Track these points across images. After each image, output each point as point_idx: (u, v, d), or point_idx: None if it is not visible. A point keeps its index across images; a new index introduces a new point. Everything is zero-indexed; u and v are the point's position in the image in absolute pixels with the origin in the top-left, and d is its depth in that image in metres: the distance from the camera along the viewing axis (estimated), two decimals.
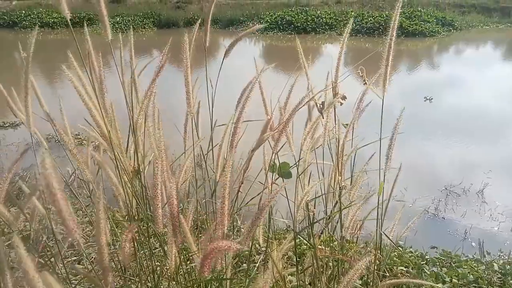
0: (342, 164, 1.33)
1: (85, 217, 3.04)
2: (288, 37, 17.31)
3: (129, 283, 1.54)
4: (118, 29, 18.46)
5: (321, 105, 1.21)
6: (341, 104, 1.27)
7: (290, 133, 1.19)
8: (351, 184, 1.40)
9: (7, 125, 6.95)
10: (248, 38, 17.39)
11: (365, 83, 1.30)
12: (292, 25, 18.06)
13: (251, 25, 18.49)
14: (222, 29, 19.23)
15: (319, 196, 1.37)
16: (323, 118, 1.22)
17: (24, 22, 19.28)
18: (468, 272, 2.89)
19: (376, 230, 1.26)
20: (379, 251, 1.53)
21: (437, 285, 2.56)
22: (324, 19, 18.21)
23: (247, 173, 1.28)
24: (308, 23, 18.02)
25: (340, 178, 1.33)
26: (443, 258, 3.19)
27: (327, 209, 1.39)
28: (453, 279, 2.81)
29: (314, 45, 15.92)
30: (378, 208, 1.24)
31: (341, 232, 1.38)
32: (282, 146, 1.20)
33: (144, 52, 12.00)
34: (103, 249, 0.92)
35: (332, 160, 1.41)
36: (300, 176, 1.31)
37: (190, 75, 1.28)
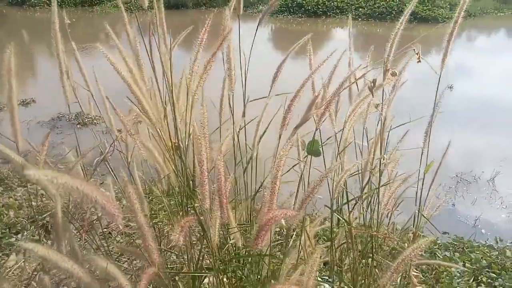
0: (383, 139, 1.34)
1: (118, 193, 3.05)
2: (298, 20, 17.07)
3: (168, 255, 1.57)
4: (127, 9, 18.30)
5: (372, 83, 1.22)
6: (391, 81, 1.27)
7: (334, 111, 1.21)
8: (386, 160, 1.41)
9: (18, 103, 6.96)
10: (256, 20, 17.12)
11: (419, 60, 1.31)
12: (303, 8, 17.77)
13: (260, 7, 18.21)
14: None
15: (355, 174, 1.39)
16: (373, 96, 1.23)
17: (32, 0, 19.14)
18: (481, 257, 2.92)
19: (418, 212, 1.28)
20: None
21: (456, 265, 2.58)
22: (335, 2, 17.87)
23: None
24: (319, 6, 17.71)
25: (381, 154, 1.35)
26: (455, 243, 3.21)
27: (362, 186, 1.41)
28: (466, 264, 2.84)
29: (325, 29, 15.73)
30: (417, 187, 1.26)
31: (377, 209, 1.40)
32: (324, 120, 1.21)
33: (154, 32, 11.91)
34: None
35: (366, 139, 1.42)
36: (339, 154, 1.32)
37: (232, 52, 1.29)
